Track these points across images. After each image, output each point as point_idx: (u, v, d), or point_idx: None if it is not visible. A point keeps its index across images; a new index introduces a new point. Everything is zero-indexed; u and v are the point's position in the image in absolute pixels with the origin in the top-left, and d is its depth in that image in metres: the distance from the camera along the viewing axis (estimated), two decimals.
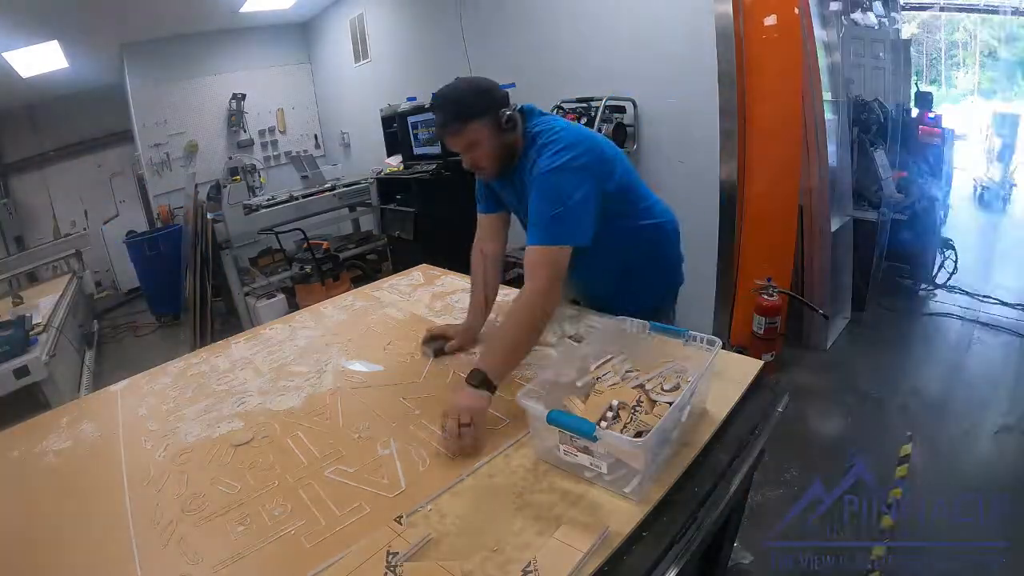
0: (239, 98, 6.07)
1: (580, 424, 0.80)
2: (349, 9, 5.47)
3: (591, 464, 0.85)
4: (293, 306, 4.35)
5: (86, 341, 5.03)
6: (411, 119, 4.28)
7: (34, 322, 3.68)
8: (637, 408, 0.90)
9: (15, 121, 6.60)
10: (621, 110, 3.11)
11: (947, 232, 4.17)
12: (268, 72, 6.40)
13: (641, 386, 0.97)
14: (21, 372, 3.27)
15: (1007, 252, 4.58)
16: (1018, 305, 3.37)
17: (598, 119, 2.91)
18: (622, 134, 3.05)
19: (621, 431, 0.87)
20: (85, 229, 6.90)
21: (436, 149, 4.12)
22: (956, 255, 3.76)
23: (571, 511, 0.83)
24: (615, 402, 0.92)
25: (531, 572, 0.71)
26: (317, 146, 6.84)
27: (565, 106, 3.10)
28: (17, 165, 6.86)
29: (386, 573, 0.76)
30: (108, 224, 6.99)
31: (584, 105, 3.08)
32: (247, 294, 4.55)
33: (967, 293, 3.62)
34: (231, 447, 1.17)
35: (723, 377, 1.11)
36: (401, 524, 0.85)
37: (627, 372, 1.04)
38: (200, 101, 6.06)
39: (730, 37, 2.79)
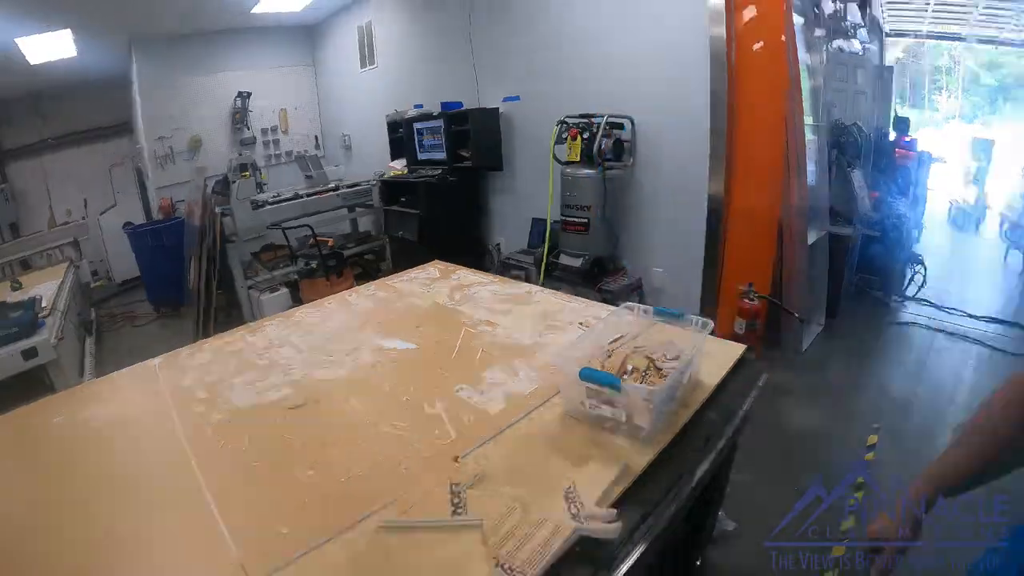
0: (244, 96, 6.20)
1: (607, 377, 1.00)
2: (358, 16, 5.65)
3: (612, 414, 1.05)
4: (297, 300, 4.48)
5: (85, 328, 5.09)
6: (417, 125, 4.48)
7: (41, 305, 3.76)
8: (647, 373, 1.10)
9: (18, 107, 6.63)
10: (619, 127, 3.33)
11: (919, 249, 4.46)
12: (273, 72, 6.56)
13: (648, 357, 1.17)
14: (30, 353, 3.27)
15: (975, 270, 4.90)
16: (983, 317, 3.65)
17: (599, 135, 3.13)
18: (620, 149, 3.28)
19: None
20: (83, 218, 6.95)
21: (440, 154, 4.32)
22: (925, 270, 4.05)
23: (596, 451, 1.02)
24: (629, 366, 1.12)
25: (572, 492, 0.90)
26: (317, 147, 6.98)
27: (569, 121, 3.32)
28: (15, 152, 6.88)
29: (451, 499, 0.93)
30: (105, 214, 7.02)
31: (586, 121, 3.30)
32: (250, 288, 4.67)
33: (934, 305, 3.91)
34: (286, 410, 1.30)
35: (712, 357, 1.32)
36: (458, 462, 1.03)
37: (635, 348, 1.24)
38: (206, 97, 6.19)
39: (722, 60, 3.03)
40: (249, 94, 6.22)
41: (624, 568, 0.83)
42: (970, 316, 3.71)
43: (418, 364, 1.49)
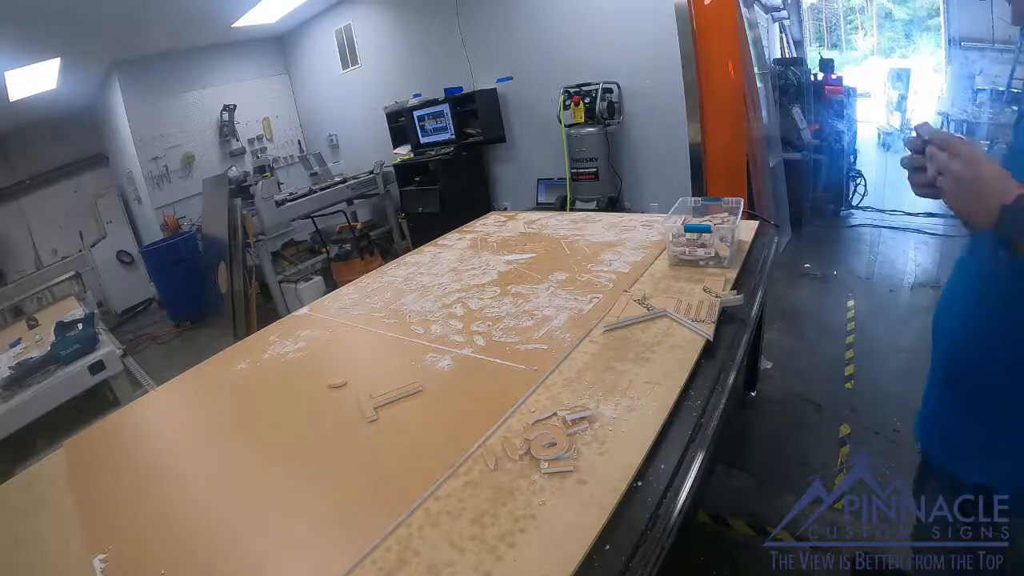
0: (230, 109, 6.46)
1: (702, 225, 1.60)
2: (334, 21, 6.00)
3: (704, 254, 1.65)
4: (331, 285, 4.91)
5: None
6: (417, 113, 4.97)
7: None
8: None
9: None
10: (609, 91, 3.94)
11: (857, 167, 5.27)
12: (252, 84, 6.82)
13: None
14: (96, 367, 3.19)
15: (904, 180, 5.75)
16: (919, 213, 4.44)
17: (598, 99, 3.75)
18: (612, 109, 3.89)
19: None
20: (80, 251, 7.03)
21: (443, 136, 4.84)
22: (865, 181, 4.86)
23: (704, 275, 1.62)
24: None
25: (708, 288, 1.49)
26: (301, 150, 7.29)
27: (570, 90, 3.90)
28: None
29: (641, 305, 1.52)
30: (96, 246, 7.04)
31: (583, 89, 3.90)
32: (281, 281, 5.06)
33: (877, 209, 4.73)
34: (486, 297, 1.75)
35: (741, 227, 1.93)
36: (629, 291, 1.61)
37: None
38: (192, 114, 6.40)
39: (686, 22, 3.62)
40: (234, 107, 6.48)
41: (732, 374, 1.25)
42: (907, 214, 4.51)
43: (547, 262, 2.01)
